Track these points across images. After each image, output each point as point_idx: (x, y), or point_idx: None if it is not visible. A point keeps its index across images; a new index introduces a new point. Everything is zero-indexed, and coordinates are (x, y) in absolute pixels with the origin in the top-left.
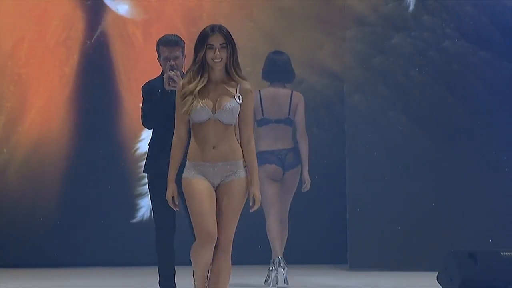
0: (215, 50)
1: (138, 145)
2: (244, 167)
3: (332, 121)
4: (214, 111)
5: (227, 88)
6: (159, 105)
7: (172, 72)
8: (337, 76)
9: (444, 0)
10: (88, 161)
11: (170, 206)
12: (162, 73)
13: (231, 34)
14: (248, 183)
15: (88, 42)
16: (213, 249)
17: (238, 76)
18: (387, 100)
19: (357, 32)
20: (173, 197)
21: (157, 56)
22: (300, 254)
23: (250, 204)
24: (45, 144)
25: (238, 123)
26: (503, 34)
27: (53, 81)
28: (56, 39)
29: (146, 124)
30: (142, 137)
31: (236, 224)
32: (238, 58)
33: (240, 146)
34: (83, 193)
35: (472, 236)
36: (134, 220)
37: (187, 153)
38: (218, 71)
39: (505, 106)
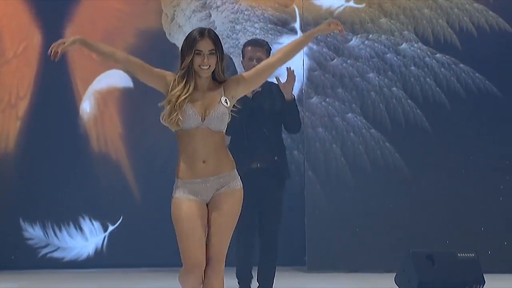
0: (204, 56)
1: (94, 147)
2: (238, 177)
3: None
4: (203, 118)
5: (214, 94)
6: (239, 112)
7: None
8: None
9: (402, 3)
10: (46, 163)
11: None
12: None
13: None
14: (242, 194)
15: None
16: (202, 272)
17: (224, 77)
18: (345, 102)
19: None
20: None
21: (241, 58)
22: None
23: None
24: (1, 148)
25: (264, 70)
26: (460, 37)
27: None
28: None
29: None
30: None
31: (230, 239)
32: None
33: (281, 56)
34: (41, 195)
35: (429, 238)
36: (89, 222)
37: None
38: (205, 78)
39: (462, 108)
